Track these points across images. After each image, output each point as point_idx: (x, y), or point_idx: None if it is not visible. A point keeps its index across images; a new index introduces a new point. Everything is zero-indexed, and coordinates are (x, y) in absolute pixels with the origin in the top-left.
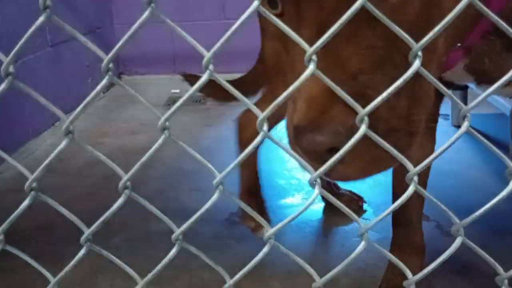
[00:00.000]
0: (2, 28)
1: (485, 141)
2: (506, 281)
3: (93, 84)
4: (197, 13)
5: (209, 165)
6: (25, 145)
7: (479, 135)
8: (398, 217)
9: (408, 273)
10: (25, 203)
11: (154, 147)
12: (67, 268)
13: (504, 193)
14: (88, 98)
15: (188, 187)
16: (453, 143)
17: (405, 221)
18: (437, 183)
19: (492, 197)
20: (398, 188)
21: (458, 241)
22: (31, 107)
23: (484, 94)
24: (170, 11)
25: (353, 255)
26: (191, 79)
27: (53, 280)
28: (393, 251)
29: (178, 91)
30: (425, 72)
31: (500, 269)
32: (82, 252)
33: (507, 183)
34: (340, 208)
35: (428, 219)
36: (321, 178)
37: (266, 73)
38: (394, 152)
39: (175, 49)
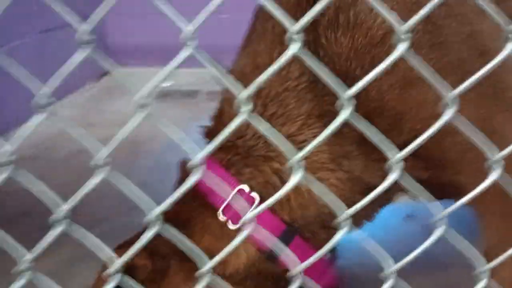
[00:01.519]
0: None
1: None
2: None
3: (81, 74)
4: (194, 7)
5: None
6: (9, 133)
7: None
8: None
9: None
10: None
11: None
12: (42, 246)
13: None
14: None
15: (174, 181)
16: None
17: None
18: None
19: None
20: None
21: None
22: (19, 93)
23: None
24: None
25: (331, 243)
26: None
27: (29, 256)
28: None
29: (169, 84)
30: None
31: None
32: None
33: None
34: None
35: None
36: None
37: None
38: None
39: (166, 41)
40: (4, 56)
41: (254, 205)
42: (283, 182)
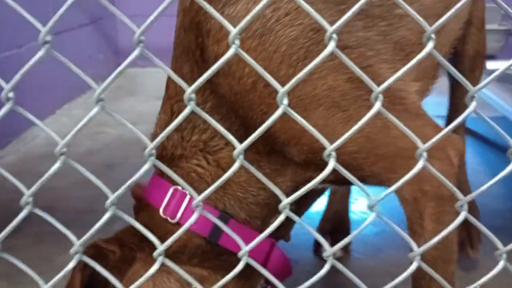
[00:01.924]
0: None
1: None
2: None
3: (93, 75)
4: None
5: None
6: (26, 131)
7: (484, 116)
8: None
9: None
10: (56, 165)
11: None
12: (91, 231)
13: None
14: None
15: None
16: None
17: None
18: None
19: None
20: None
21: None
22: (33, 94)
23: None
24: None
25: (363, 226)
26: None
27: (77, 242)
28: None
29: None
30: (435, 53)
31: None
32: (107, 215)
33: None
34: None
35: None
36: None
37: None
38: None
39: None
40: (56, 52)
41: (186, 198)
42: (203, 172)
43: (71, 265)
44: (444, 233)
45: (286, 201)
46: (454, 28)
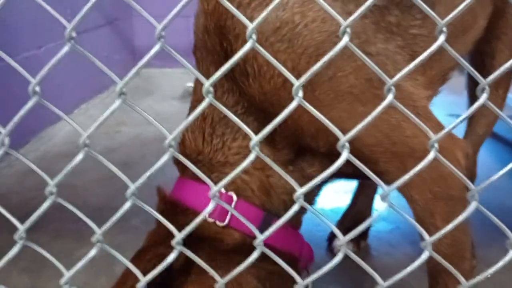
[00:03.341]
0: None
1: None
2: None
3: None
4: None
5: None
6: (44, 131)
7: (494, 107)
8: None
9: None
10: (79, 157)
11: None
12: (112, 220)
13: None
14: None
15: None
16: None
17: None
18: None
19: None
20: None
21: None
22: (50, 94)
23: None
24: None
25: (375, 215)
26: None
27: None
28: None
29: (192, 84)
30: (448, 47)
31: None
32: (127, 204)
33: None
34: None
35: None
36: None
37: None
38: None
39: (191, 42)
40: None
41: (234, 201)
42: (248, 178)
43: (92, 252)
44: (456, 221)
45: (300, 191)
46: (481, 25)
